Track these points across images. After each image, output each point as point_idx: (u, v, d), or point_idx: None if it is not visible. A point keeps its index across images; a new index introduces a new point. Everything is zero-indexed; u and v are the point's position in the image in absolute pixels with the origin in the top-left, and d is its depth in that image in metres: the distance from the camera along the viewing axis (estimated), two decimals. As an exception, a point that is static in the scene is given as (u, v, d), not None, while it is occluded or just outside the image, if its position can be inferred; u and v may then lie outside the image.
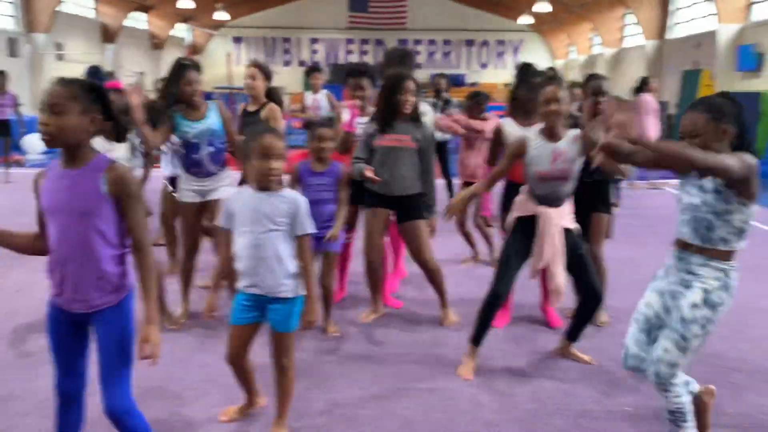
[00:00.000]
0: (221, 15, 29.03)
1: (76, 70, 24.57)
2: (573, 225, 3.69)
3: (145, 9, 28.30)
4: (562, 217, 3.60)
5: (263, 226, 2.65)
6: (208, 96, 4.53)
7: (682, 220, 2.72)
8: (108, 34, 26.54)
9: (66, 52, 24.11)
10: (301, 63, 33.79)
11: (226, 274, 2.82)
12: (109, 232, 2.16)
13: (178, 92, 3.92)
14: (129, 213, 2.16)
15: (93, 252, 2.14)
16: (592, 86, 4.26)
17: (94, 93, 2.16)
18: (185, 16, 30.57)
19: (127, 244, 2.23)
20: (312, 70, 8.08)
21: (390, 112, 4.07)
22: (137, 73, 25.48)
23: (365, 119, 4.34)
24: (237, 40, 33.67)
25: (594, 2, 26.27)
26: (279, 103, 4.61)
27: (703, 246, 2.63)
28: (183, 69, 3.94)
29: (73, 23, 24.39)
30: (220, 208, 2.90)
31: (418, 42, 32.94)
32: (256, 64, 4.62)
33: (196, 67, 4.05)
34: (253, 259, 2.66)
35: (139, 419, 2.29)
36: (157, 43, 30.23)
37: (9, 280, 5.32)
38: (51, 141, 2.09)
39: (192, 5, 25.40)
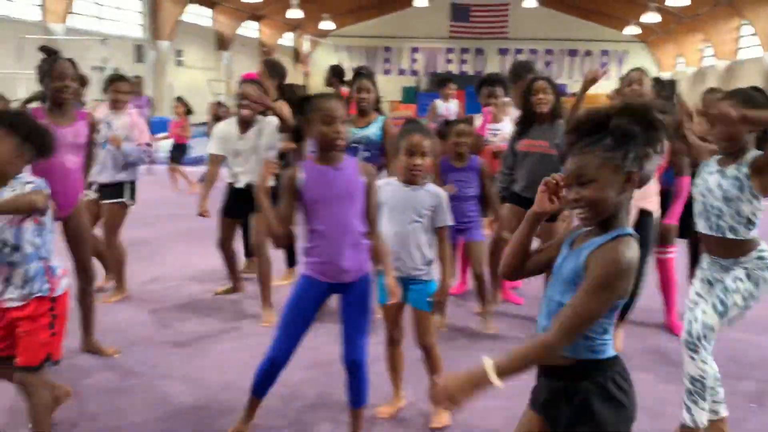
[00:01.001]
0: (327, 24, 30.14)
1: (194, 75, 26.26)
2: (654, 208, 3.82)
3: (257, 18, 29.83)
4: (644, 198, 3.72)
5: (408, 217, 2.89)
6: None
7: (697, 213, 2.90)
8: (222, 42, 28.16)
9: (184, 58, 25.81)
10: (401, 72, 34.44)
11: None
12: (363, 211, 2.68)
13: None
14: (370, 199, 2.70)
15: (354, 229, 2.66)
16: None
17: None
18: (293, 25, 31.95)
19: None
20: (444, 80, 8.40)
21: (527, 116, 4.21)
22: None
23: (497, 126, 4.61)
24: (340, 48, 34.74)
25: (707, 13, 25.32)
26: (292, 98, 4.96)
27: (723, 238, 2.77)
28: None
29: (192, 31, 26.08)
30: None
31: (518, 51, 32.80)
32: (264, 62, 5.14)
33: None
34: (397, 245, 2.88)
35: (366, 374, 2.75)
36: (266, 52, 31.70)
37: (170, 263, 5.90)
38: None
39: (300, 15, 26.52)
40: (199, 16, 26.91)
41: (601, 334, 1.68)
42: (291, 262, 5.18)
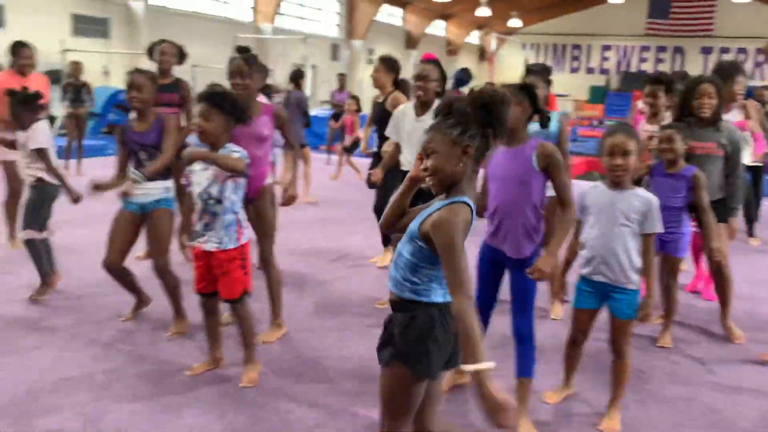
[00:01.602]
0: (514, 22, 29.89)
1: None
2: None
3: (445, 17, 30.38)
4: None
5: (616, 221, 2.83)
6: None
7: None
8: (411, 41, 29.08)
9: (375, 56, 27.04)
10: (589, 70, 33.16)
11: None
12: (535, 195, 2.79)
13: None
14: (555, 178, 2.77)
15: (525, 210, 2.79)
16: None
17: (524, 90, 2.84)
18: (480, 24, 32.09)
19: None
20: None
21: (686, 117, 4.05)
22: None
23: (653, 127, 4.43)
24: (525, 46, 34.25)
25: None
26: (406, 92, 5.04)
27: None
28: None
29: (383, 31, 27.24)
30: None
31: (724, 50, 30.08)
32: (380, 58, 5.14)
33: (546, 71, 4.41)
34: (602, 250, 2.84)
35: (533, 349, 2.89)
36: (451, 50, 32.19)
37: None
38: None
39: (489, 13, 26.59)
40: (390, 15, 28.03)
41: (425, 282, 1.95)
42: (386, 241, 5.38)
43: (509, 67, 31.32)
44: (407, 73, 5.09)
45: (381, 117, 4.96)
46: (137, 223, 3.79)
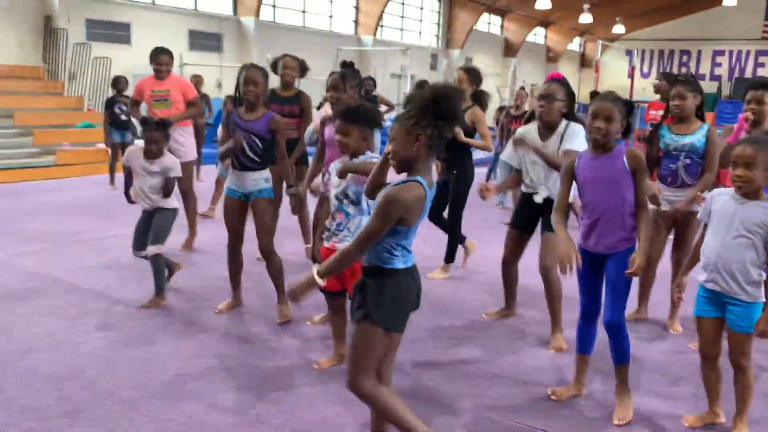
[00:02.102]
0: (618, 28, 29.02)
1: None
2: None
3: (545, 24, 29.93)
4: None
5: (734, 231, 2.75)
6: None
7: None
8: (509, 49, 28.84)
9: (473, 65, 27.02)
10: (699, 77, 31.60)
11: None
12: (628, 197, 3.00)
13: None
14: (638, 185, 2.98)
15: (619, 209, 3.01)
16: None
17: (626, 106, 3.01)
18: (581, 30, 31.37)
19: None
20: None
21: None
22: (530, 84, 27.14)
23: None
24: (629, 53, 33.12)
25: None
26: (483, 106, 5.04)
27: None
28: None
29: (482, 39, 27.18)
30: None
31: None
32: (463, 69, 5.11)
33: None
34: (717, 258, 2.78)
35: (626, 337, 3.03)
36: (552, 57, 31.65)
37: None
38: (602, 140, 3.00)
39: (591, 20, 25.97)
40: (489, 24, 27.94)
41: (389, 251, 2.30)
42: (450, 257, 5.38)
43: (612, 74, 30.41)
44: (505, 81, 5.11)
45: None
46: (244, 209, 4.24)
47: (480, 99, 5.14)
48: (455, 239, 5.39)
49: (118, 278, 4.95)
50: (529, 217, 4.11)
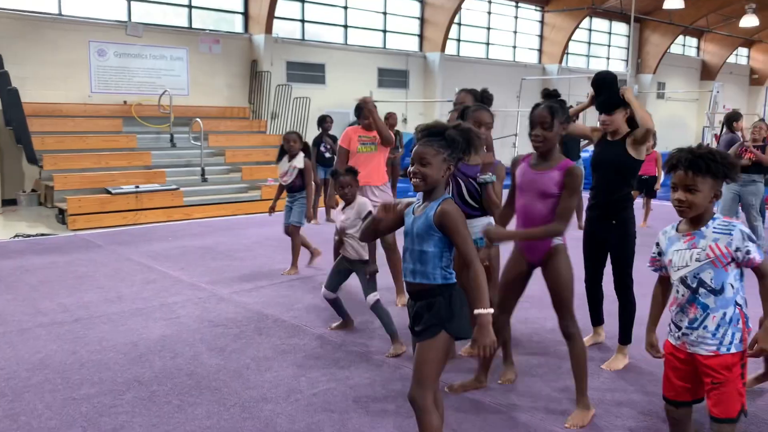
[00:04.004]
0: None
1: (674, 107, 25.46)
2: None
3: (749, 44, 27.25)
4: None
5: None
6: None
7: None
8: (707, 72, 26.57)
9: (666, 90, 25.21)
10: None
11: None
12: None
13: None
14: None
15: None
16: None
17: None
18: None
19: None
20: None
21: None
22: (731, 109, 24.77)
23: None
24: None
25: None
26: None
27: None
28: None
29: (675, 63, 25.32)
30: None
31: None
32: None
33: None
34: None
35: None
36: (757, 79, 28.70)
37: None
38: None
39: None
40: (684, 46, 25.99)
41: (447, 267, 2.58)
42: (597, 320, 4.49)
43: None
44: (694, 105, 4.37)
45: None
46: None
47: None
48: (630, 311, 4.15)
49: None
50: None
